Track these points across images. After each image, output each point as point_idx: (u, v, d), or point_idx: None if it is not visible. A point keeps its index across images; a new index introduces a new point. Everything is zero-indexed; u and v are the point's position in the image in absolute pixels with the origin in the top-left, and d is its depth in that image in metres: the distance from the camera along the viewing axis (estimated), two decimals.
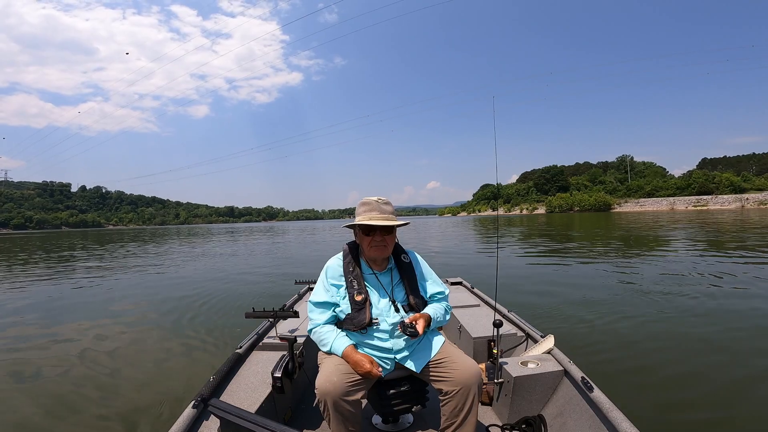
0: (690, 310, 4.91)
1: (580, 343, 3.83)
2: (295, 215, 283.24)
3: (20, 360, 3.95)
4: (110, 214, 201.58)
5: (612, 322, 4.55)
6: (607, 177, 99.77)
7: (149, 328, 4.96)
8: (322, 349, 1.77)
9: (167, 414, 2.67)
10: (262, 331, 2.52)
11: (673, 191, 77.48)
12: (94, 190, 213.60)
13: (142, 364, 3.76)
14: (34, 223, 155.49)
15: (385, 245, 1.79)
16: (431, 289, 1.92)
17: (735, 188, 70.53)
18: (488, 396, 2.18)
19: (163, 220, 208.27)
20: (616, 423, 1.50)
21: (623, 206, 78.48)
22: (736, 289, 5.99)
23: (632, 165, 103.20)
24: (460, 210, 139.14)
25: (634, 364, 3.40)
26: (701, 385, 2.99)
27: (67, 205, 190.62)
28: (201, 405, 1.64)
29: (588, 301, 5.56)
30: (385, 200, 1.82)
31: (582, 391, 1.80)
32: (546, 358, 2.11)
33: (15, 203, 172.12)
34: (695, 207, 65.35)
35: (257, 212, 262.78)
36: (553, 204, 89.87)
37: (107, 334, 4.69)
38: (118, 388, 3.19)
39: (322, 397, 1.55)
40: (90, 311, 5.99)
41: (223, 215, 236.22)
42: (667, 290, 6.07)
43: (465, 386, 1.62)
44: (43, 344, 4.41)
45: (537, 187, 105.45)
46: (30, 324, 5.33)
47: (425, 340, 1.80)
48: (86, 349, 4.13)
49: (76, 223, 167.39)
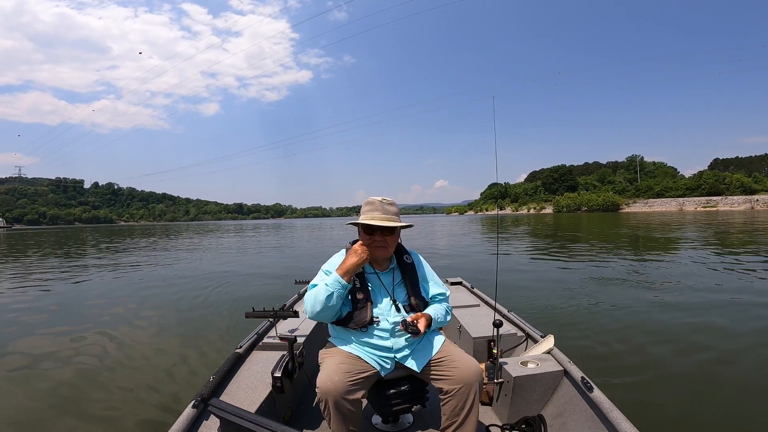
0: (690, 310, 4.90)
1: (580, 343, 3.83)
2: (303, 213, 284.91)
3: (20, 360, 3.90)
4: (122, 211, 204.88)
5: (612, 322, 4.54)
6: (616, 177, 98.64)
7: (149, 327, 4.94)
8: (323, 297, 1.67)
9: (167, 414, 2.64)
10: (262, 331, 2.52)
11: (683, 192, 76.57)
12: (107, 187, 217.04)
13: (142, 363, 3.74)
14: (47, 219, 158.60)
15: (385, 246, 1.80)
16: (432, 291, 1.93)
17: (745, 189, 69.52)
18: (488, 396, 2.18)
19: (173, 217, 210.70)
20: (616, 423, 1.50)
21: (631, 206, 77.63)
22: (737, 290, 5.96)
23: (642, 165, 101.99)
24: (467, 209, 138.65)
25: (634, 364, 3.40)
26: (701, 385, 2.99)
27: (79, 201, 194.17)
28: (201, 405, 1.64)
29: (588, 301, 5.54)
30: (389, 201, 1.82)
31: (582, 391, 1.79)
32: (546, 358, 2.11)
33: (29, 199, 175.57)
34: (704, 208, 64.64)
35: (265, 209, 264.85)
36: (560, 204, 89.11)
37: (106, 333, 4.66)
38: (117, 388, 3.17)
39: (323, 395, 1.55)
40: (90, 310, 5.96)
41: (232, 212, 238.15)
42: (667, 291, 6.05)
43: (465, 385, 1.63)
44: (43, 344, 4.36)
45: (545, 187, 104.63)
46: (30, 323, 5.28)
47: (425, 340, 1.80)
48: (86, 349, 4.12)
49: (88, 219, 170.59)
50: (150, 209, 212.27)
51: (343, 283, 1.70)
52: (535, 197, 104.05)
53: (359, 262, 1.73)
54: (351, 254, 1.75)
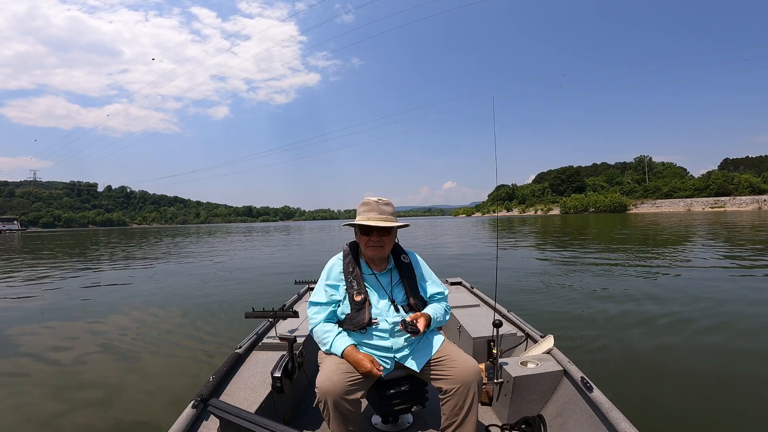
0: (690, 310, 4.86)
1: (579, 343, 3.81)
2: (311, 215, 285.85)
3: (20, 360, 3.92)
4: (134, 213, 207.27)
5: (612, 323, 4.51)
6: (624, 178, 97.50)
7: (148, 327, 4.95)
8: (322, 349, 1.77)
9: (167, 414, 2.62)
10: (261, 331, 2.53)
11: (691, 192, 75.60)
12: (119, 190, 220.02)
13: (142, 363, 3.74)
14: (62, 222, 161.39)
15: (381, 246, 1.79)
16: (431, 290, 1.93)
17: (754, 189, 68.34)
18: (488, 396, 2.17)
19: (184, 219, 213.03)
20: (616, 423, 1.49)
21: (639, 207, 76.90)
22: (737, 290, 5.92)
23: (651, 166, 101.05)
24: (474, 210, 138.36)
25: (633, 364, 3.38)
26: (701, 385, 2.96)
27: (93, 205, 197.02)
28: (201, 405, 1.64)
29: (588, 302, 5.51)
30: (385, 201, 1.81)
31: (581, 391, 1.79)
32: (545, 358, 2.10)
33: (44, 202, 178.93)
34: (712, 208, 63.90)
35: (274, 212, 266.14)
36: (567, 205, 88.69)
37: (106, 333, 4.69)
38: (116, 388, 3.17)
39: (323, 396, 1.56)
40: (90, 310, 6.00)
41: (241, 215, 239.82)
42: (667, 291, 6.00)
43: (465, 384, 1.62)
44: (43, 343, 4.38)
45: (552, 188, 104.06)
46: (31, 322, 5.33)
47: (425, 339, 1.80)
48: (85, 348, 4.14)
49: (102, 222, 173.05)
50: (162, 212, 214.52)
51: (339, 352, 1.69)
52: (543, 198, 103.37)
53: (365, 372, 1.63)
54: (365, 362, 1.63)
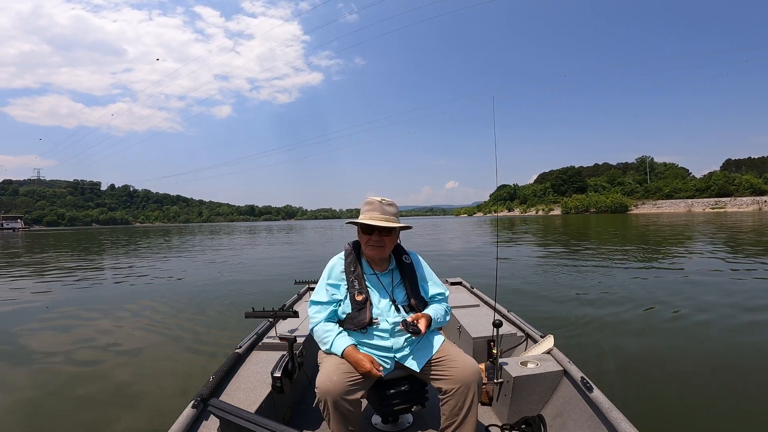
0: (690, 310, 4.86)
1: (579, 343, 3.81)
2: (314, 214, 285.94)
3: (20, 360, 3.89)
4: (137, 212, 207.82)
5: (612, 323, 4.51)
6: (626, 178, 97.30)
7: (148, 327, 4.92)
8: (322, 348, 1.77)
9: (166, 414, 2.58)
10: (261, 331, 2.53)
11: (693, 193, 75.47)
12: (122, 189, 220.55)
13: (141, 363, 3.73)
14: (66, 220, 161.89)
15: (382, 246, 1.80)
16: (432, 291, 1.93)
17: (755, 190, 68.03)
18: (488, 396, 2.17)
19: (186, 218, 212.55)
20: (616, 423, 1.49)
21: (640, 208, 76.64)
22: (739, 290, 5.92)
23: (652, 166, 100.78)
24: (476, 210, 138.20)
25: (633, 364, 3.38)
26: (701, 385, 2.96)
27: (97, 203, 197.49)
28: (200, 405, 1.65)
29: (588, 302, 5.50)
30: (389, 201, 1.82)
31: (581, 391, 1.79)
32: (545, 358, 2.10)
33: (48, 201, 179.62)
34: (713, 209, 63.62)
35: (276, 211, 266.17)
36: (568, 205, 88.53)
37: (106, 333, 4.68)
38: (116, 388, 3.16)
39: (323, 396, 1.56)
40: (90, 310, 5.97)
41: (243, 214, 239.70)
42: (667, 291, 5.99)
43: (465, 384, 1.63)
44: (43, 343, 4.37)
45: (554, 188, 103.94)
46: (31, 322, 5.32)
47: (425, 339, 1.80)
48: (85, 348, 4.14)
49: (105, 221, 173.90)
50: (164, 211, 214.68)
51: (339, 352, 1.70)
52: (544, 199, 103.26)
53: (365, 373, 1.63)
54: (365, 362, 1.64)
